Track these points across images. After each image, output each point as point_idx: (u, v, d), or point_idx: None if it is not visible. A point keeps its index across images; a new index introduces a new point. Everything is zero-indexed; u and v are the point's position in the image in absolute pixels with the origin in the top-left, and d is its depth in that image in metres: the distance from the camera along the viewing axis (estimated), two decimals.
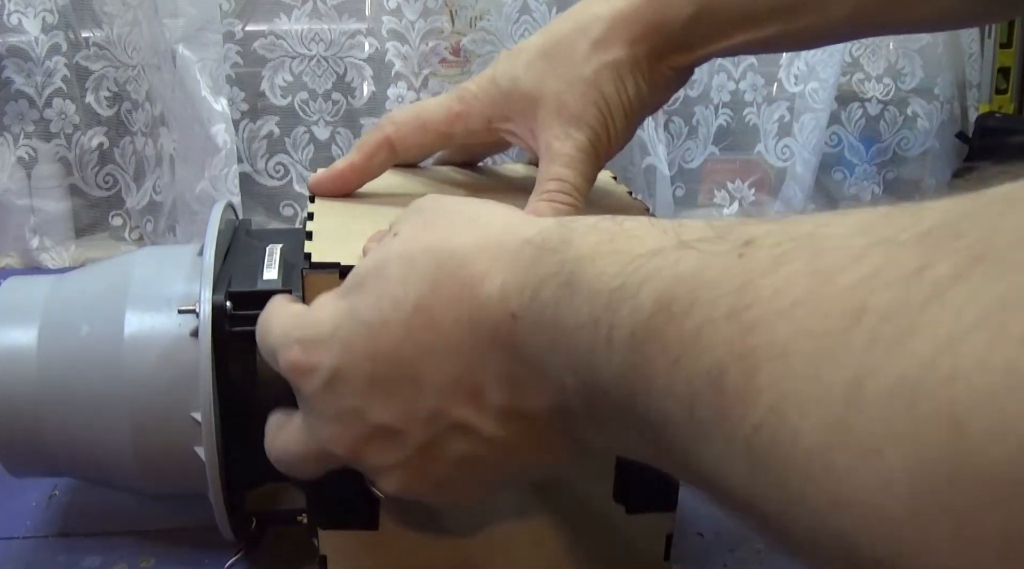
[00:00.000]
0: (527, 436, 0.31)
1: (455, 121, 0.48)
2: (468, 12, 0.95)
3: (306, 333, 0.34)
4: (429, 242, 0.33)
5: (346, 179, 0.48)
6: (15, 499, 0.55)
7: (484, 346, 0.30)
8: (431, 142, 0.49)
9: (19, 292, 0.49)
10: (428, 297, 0.31)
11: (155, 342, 0.45)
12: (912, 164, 1.10)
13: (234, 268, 0.47)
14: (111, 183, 0.98)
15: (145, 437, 0.45)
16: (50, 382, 0.46)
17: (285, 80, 0.94)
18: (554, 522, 0.45)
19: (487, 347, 0.30)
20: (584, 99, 0.44)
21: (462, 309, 0.31)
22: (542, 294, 0.28)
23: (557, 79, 0.44)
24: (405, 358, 0.31)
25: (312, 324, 0.34)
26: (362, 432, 0.33)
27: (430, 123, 0.48)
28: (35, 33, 0.89)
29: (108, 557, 0.50)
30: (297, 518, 0.47)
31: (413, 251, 0.33)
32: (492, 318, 0.30)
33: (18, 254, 0.96)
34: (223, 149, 0.87)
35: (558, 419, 0.30)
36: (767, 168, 1.06)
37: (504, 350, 0.30)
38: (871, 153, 1.09)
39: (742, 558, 0.52)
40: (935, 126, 1.08)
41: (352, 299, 0.34)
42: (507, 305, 0.29)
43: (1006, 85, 1.10)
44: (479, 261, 0.31)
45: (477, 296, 0.30)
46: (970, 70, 1.10)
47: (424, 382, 0.31)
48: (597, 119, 0.44)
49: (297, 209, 0.98)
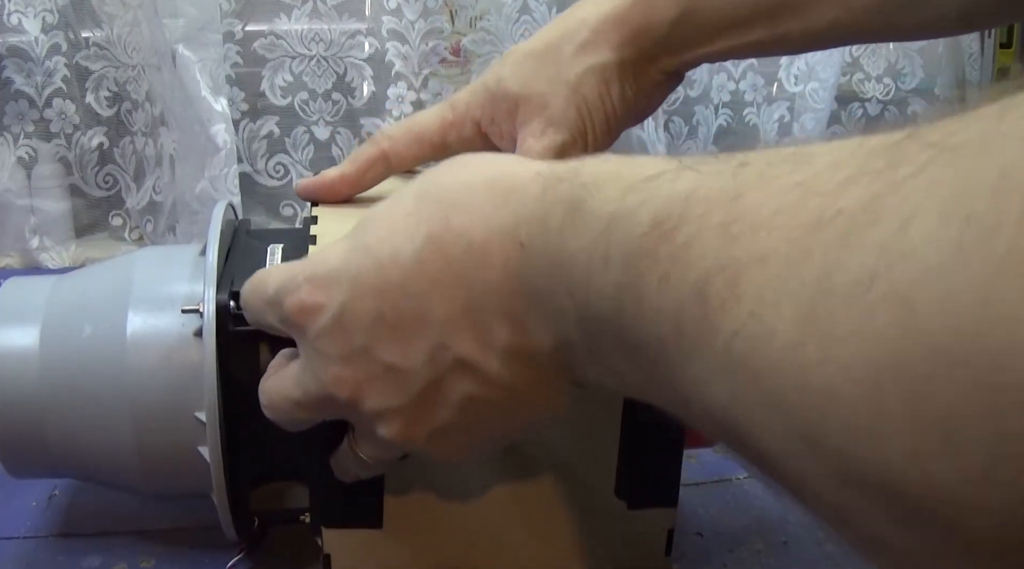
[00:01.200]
0: (529, 377, 0.32)
1: (448, 130, 0.48)
2: (468, 12, 0.95)
3: (315, 271, 0.34)
4: (441, 180, 0.33)
5: (335, 190, 0.48)
6: (15, 499, 0.55)
7: (492, 279, 0.31)
8: (427, 153, 0.49)
9: (20, 293, 0.49)
10: (439, 229, 0.32)
11: (158, 342, 0.45)
12: None
13: (236, 268, 0.47)
14: (111, 183, 0.98)
15: (148, 437, 0.45)
16: (52, 383, 0.46)
17: (285, 80, 0.94)
18: (556, 519, 0.45)
19: (495, 280, 0.30)
20: (566, 102, 0.44)
21: (473, 239, 0.31)
22: (549, 221, 0.28)
23: (541, 80, 0.45)
24: (413, 291, 0.32)
25: (320, 262, 0.34)
26: (366, 372, 0.33)
27: (425, 134, 0.48)
28: (35, 33, 0.89)
29: (108, 557, 0.50)
30: (300, 517, 0.47)
31: (425, 188, 0.33)
32: (502, 248, 0.30)
33: (18, 254, 0.96)
34: (223, 149, 0.87)
35: (559, 356, 0.30)
36: None
37: (510, 284, 0.30)
38: None
39: (742, 558, 0.52)
40: None
41: (361, 236, 0.34)
42: (516, 234, 0.30)
43: None
44: (491, 194, 0.31)
45: (488, 226, 0.31)
46: (970, 70, 1.10)
47: (430, 317, 0.31)
48: (576, 123, 0.45)
49: (297, 209, 0.98)
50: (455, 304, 0.31)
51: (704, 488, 0.59)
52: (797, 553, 0.53)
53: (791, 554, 0.53)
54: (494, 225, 0.31)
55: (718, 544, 0.53)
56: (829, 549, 0.53)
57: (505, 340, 0.31)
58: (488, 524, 0.45)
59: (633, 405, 0.42)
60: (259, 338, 0.45)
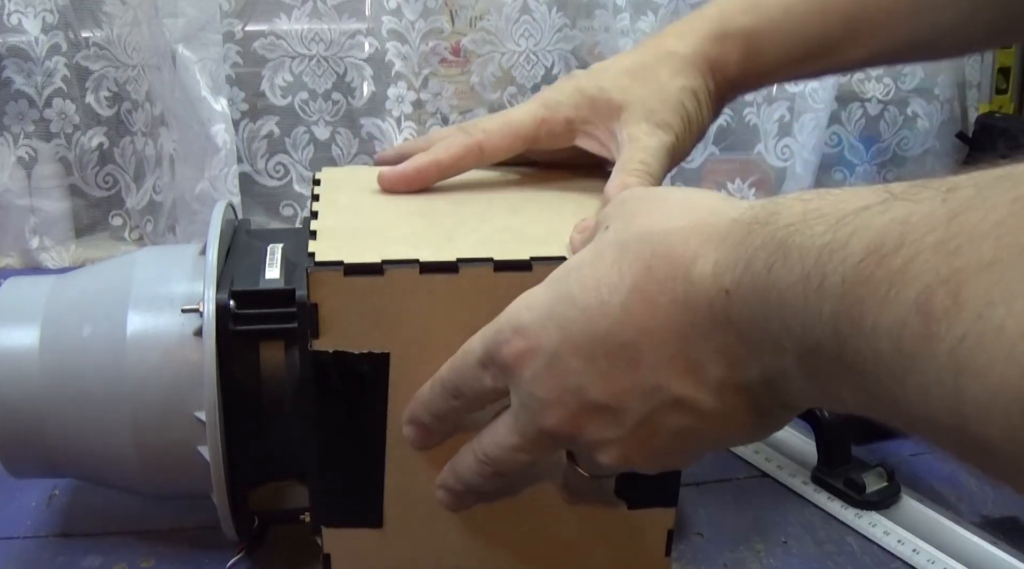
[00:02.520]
0: (742, 406, 0.33)
1: (541, 125, 0.50)
2: (468, 12, 0.95)
3: (520, 321, 0.36)
4: (640, 230, 0.35)
5: (427, 175, 0.49)
6: (15, 499, 0.55)
7: (700, 323, 0.32)
8: (519, 147, 0.51)
9: (20, 292, 0.49)
10: (643, 280, 0.33)
11: (158, 342, 0.45)
12: (912, 164, 1.10)
13: (236, 268, 0.47)
14: (111, 183, 0.98)
15: (148, 437, 0.45)
16: (52, 383, 0.46)
17: (285, 80, 0.94)
18: (556, 518, 0.45)
19: (703, 324, 0.32)
20: (671, 109, 0.49)
21: (676, 290, 0.32)
22: (754, 265, 0.30)
23: (644, 91, 0.49)
24: (623, 339, 0.33)
25: (523, 311, 0.36)
26: (582, 409, 0.35)
27: (520, 130, 0.50)
28: (35, 33, 0.89)
29: (108, 557, 0.51)
30: (300, 517, 0.47)
31: (625, 239, 0.35)
32: (706, 296, 0.32)
33: (18, 254, 0.96)
34: (223, 149, 0.87)
35: (772, 386, 0.31)
36: (767, 168, 1.06)
37: (719, 326, 0.31)
38: (871, 153, 1.09)
39: (742, 558, 0.52)
40: (935, 126, 1.08)
41: (563, 287, 0.36)
42: (720, 282, 0.31)
43: (1006, 85, 1.10)
44: (690, 243, 0.33)
45: (690, 276, 0.32)
46: (970, 70, 1.10)
47: (642, 361, 0.33)
48: (680, 127, 0.49)
49: (297, 209, 0.98)
50: (667, 349, 0.33)
51: (704, 488, 0.59)
52: (797, 553, 0.53)
53: (791, 554, 0.53)
54: (695, 276, 0.32)
55: (718, 544, 0.53)
56: (829, 549, 0.53)
57: (720, 376, 0.32)
58: (488, 524, 0.45)
59: None
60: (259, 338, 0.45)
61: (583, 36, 0.99)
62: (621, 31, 0.96)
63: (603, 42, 0.98)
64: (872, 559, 0.52)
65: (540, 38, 0.97)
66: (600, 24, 0.97)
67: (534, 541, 0.45)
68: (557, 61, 0.98)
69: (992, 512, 0.57)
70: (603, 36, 0.98)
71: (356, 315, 0.40)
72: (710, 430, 0.34)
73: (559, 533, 0.45)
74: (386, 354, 0.41)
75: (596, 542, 0.46)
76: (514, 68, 0.97)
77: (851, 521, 0.55)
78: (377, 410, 0.42)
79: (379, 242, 0.42)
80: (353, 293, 0.39)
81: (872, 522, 0.54)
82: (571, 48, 0.99)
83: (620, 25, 0.96)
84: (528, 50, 0.97)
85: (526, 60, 0.97)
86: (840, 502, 0.56)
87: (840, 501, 0.56)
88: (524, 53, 0.97)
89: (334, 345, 0.40)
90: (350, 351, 0.40)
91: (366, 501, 0.43)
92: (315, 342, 0.40)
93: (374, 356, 0.41)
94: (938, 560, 0.51)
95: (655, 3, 0.98)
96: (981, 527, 0.54)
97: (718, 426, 0.34)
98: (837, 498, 0.57)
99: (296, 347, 0.45)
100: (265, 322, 0.45)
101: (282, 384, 0.46)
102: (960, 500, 0.58)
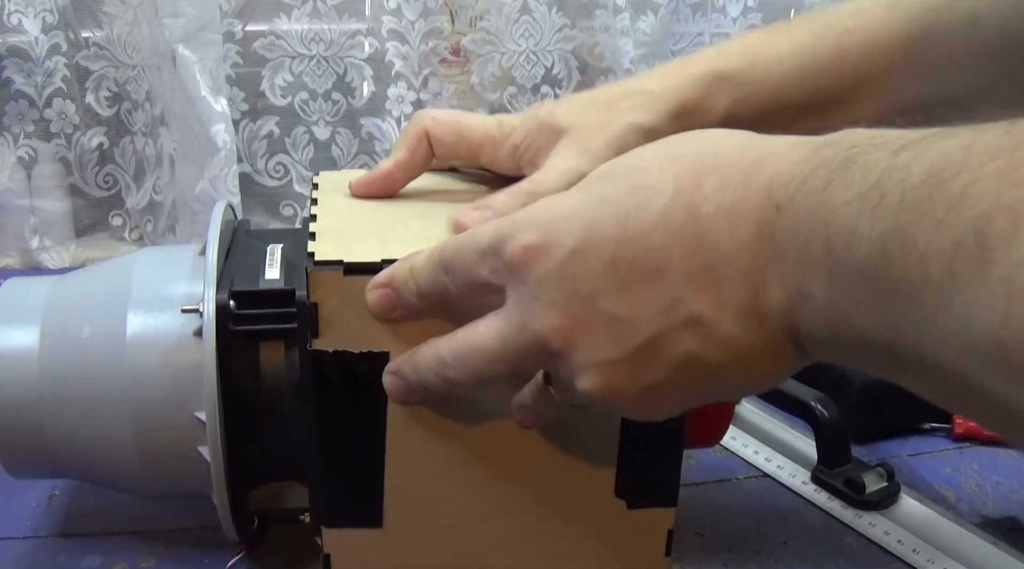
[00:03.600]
0: (756, 339, 0.31)
1: (487, 143, 0.48)
2: (468, 12, 0.95)
3: (542, 215, 0.34)
4: (688, 146, 0.34)
5: (394, 177, 0.48)
6: (15, 499, 0.55)
7: (744, 236, 0.31)
8: (460, 152, 0.49)
9: (19, 293, 0.49)
10: (689, 188, 0.32)
11: (158, 342, 0.45)
12: None
13: (236, 268, 0.47)
14: (111, 183, 0.98)
15: (148, 437, 0.45)
16: (52, 384, 0.46)
17: (285, 80, 0.94)
18: (556, 518, 0.45)
19: (744, 238, 0.31)
20: (608, 140, 0.46)
21: (725, 198, 0.31)
22: (811, 181, 0.29)
23: (590, 121, 0.47)
24: (654, 243, 0.31)
25: (546, 208, 0.34)
26: (586, 320, 0.32)
27: (466, 133, 0.49)
28: (35, 33, 0.90)
29: (108, 557, 0.51)
30: (300, 517, 0.47)
31: (671, 151, 0.34)
32: (756, 209, 0.31)
33: (18, 254, 0.96)
34: (223, 149, 0.87)
35: (789, 316, 0.30)
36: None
37: (761, 240, 0.30)
38: None
39: (742, 558, 0.52)
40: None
41: (600, 187, 0.34)
42: (773, 197, 0.30)
43: None
44: (749, 155, 0.32)
45: (747, 186, 0.31)
46: None
47: (669, 270, 0.31)
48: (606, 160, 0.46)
49: (297, 209, 0.98)
50: (696, 260, 0.31)
51: (704, 488, 0.59)
52: (797, 553, 0.53)
53: (791, 554, 0.53)
54: (751, 188, 0.31)
55: (718, 544, 0.53)
56: (829, 549, 0.53)
57: (741, 297, 0.31)
58: (488, 524, 0.45)
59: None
60: (259, 338, 0.45)
61: (583, 36, 0.99)
62: (621, 31, 0.96)
63: (603, 42, 0.98)
64: (872, 559, 0.52)
65: (540, 38, 0.97)
66: (600, 24, 0.97)
67: (533, 541, 0.45)
68: (557, 61, 0.98)
69: (992, 512, 0.57)
70: (603, 36, 0.98)
71: (356, 315, 0.40)
72: (716, 362, 0.32)
73: (559, 533, 0.45)
74: (386, 353, 0.41)
75: (596, 542, 0.46)
76: (514, 68, 0.97)
77: (851, 521, 0.55)
78: (377, 410, 0.42)
79: (378, 242, 0.42)
80: (353, 293, 0.39)
81: (872, 522, 0.54)
82: (571, 48, 0.99)
83: (620, 25, 0.96)
84: (528, 50, 0.97)
85: (526, 60, 0.97)
86: (840, 502, 0.56)
87: (840, 501, 0.56)
88: (524, 53, 0.97)
89: (334, 345, 0.40)
90: (350, 351, 0.40)
91: (366, 501, 0.43)
92: (315, 342, 0.40)
93: (374, 356, 0.41)
94: (938, 560, 0.51)
95: (655, 3, 0.98)
96: (981, 527, 0.54)
97: (725, 358, 0.32)
98: (837, 498, 0.57)
99: (296, 347, 0.45)
100: (265, 322, 0.45)
101: (282, 384, 0.46)
102: (960, 500, 0.58)
